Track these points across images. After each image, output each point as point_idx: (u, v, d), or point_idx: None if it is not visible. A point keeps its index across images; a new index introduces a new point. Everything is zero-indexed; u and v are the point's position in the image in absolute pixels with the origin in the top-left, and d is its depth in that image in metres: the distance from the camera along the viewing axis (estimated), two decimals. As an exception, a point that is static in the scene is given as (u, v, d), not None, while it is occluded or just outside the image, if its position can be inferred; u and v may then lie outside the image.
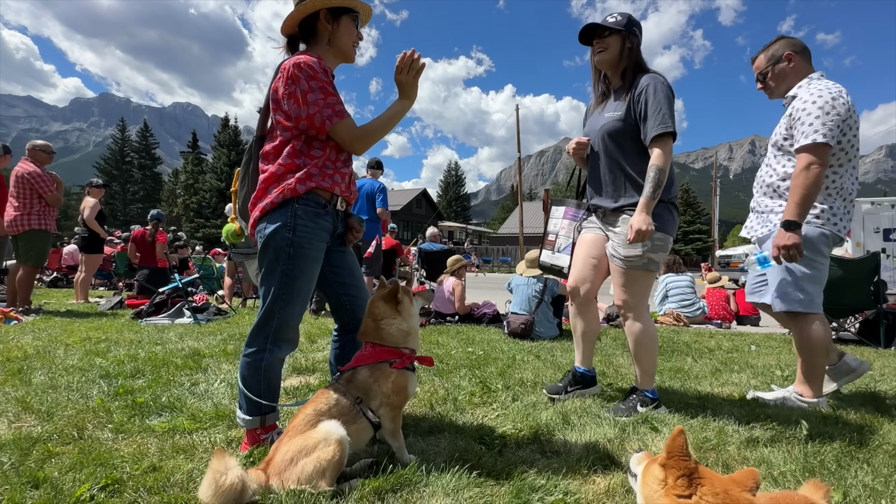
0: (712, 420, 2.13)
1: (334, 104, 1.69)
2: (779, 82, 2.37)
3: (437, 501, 1.36)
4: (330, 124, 1.68)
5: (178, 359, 3.12)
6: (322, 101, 1.67)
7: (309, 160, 1.72)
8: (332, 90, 1.71)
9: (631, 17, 2.27)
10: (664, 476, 0.86)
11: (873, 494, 1.44)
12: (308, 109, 1.66)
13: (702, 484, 0.84)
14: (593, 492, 1.45)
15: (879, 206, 10.69)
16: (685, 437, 0.91)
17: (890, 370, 3.38)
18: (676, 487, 0.84)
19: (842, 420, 2.15)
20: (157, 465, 1.58)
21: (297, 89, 1.65)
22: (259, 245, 1.73)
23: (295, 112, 1.67)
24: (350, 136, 1.72)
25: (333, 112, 1.69)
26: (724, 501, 0.83)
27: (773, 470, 1.61)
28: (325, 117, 1.67)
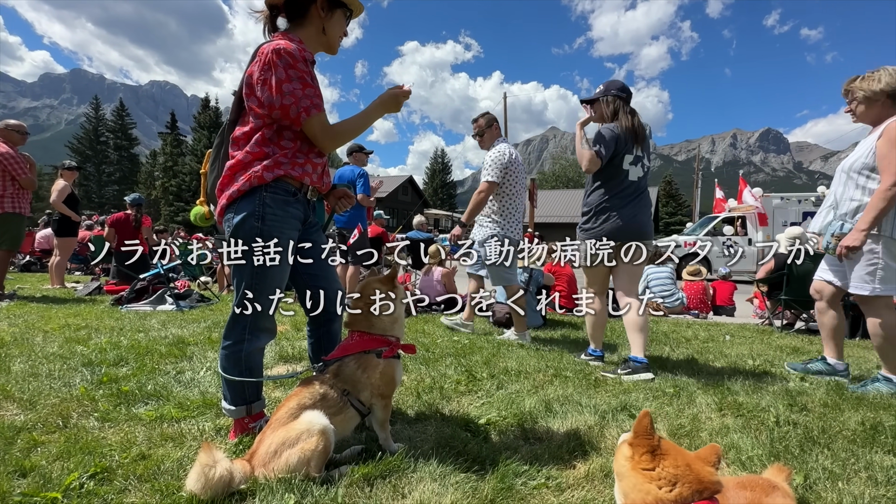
0: (687, 408, 2.24)
1: (312, 96, 1.64)
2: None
3: (424, 487, 1.41)
4: (306, 116, 1.63)
5: (162, 346, 3.09)
6: (300, 92, 1.61)
7: (278, 149, 1.67)
8: (311, 81, 1.65)
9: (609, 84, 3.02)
10: (631, 453, 0.95)
11: (831, 477, 1.55)
12: (283, 99, 1.60)
13: (664, 458, 0.92)
14: (574, 476, 1.52)
15: (788, 200, 11.49)
16: (650, 419, 0.99)
17: (853, 359, 3.56)
18: (641, 462, 0.93)
19: (806, 407, 2.28)
20: (146, 454, 1.59)
21: (273, 77, 1.59)
22: (227, 234, 1.69)
23: (268, 100, 1.61)
24: (322, 132, 1.68)
25: (312, 104, 1.64)
26: (684, 472, 0.91)
27: (741, 455, 1.71)
28: (302, 109, 1.62)
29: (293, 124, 1.65)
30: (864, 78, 2.66)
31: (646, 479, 0.91)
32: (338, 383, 1.60)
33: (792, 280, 4.88)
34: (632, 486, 0.93)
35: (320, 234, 1.97)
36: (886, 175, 2.45)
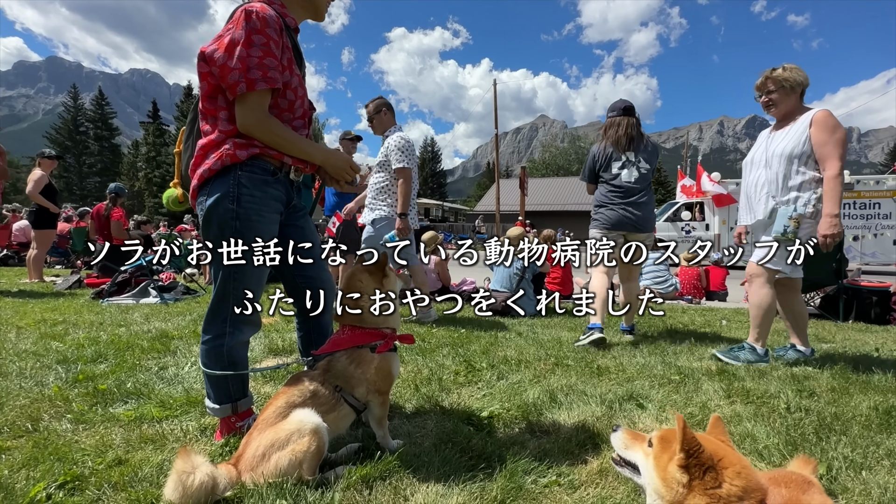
0: (695, 395, 2.16)
1: (268, 67, 1.43)
2: None
3: (427, 488, 1.31)
4: (245, 89, 1.41)
5: (144, 341, 2.94)
6: (255, 60, 1.41)
7: None
8: (274, 51, 1.45)
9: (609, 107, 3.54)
10: (688, 478, 0.81)
11: (853, 466, 1.48)
12: (228, 60, 1.40)
13: (724, 470, 0.81)
14: (587, 472, 1.43)
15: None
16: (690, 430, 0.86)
17: (850, 342, 3.55)
18: (706, 483, 0.80)
19: (815, 393, 2.22)
20: (123, 458, 1.46)
21: (230, 36, 1.42)
22: (200, 218, 1.55)
23: (213, 54, 1.42)
24: (257, 114, 1.46)
25: (262, 76, 1.42)
26: (746, 481, 0.80)
27: (757, 444, 1.64)
28: (244, 79, 1.40)
29: (228, 91, 1.44)
30: (786, 69, 2.81)
31: (710, 500, 0.79)
32: (329, 379, 1.48)
33: (788, 264, 4.86)
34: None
35: (307, 219, 1.83)
36: (832, 161, 2.63)
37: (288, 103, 1.57)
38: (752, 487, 0.83)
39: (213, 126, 1.52)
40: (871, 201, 10.84)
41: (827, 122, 2.67)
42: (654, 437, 0.98)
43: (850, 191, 10.96)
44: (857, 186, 11.04)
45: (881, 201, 10.77)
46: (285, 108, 1.57)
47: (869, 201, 10.85)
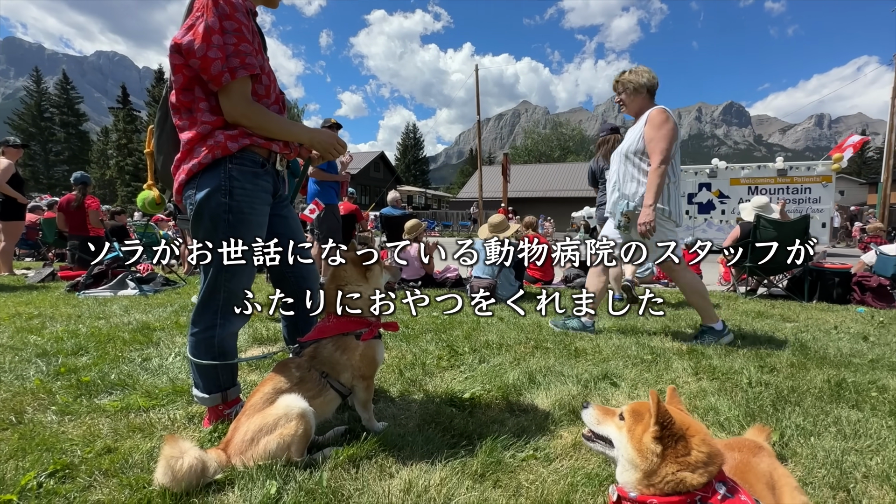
0: (665, 373, 2.29)
1: (245, 53, 1.43)
2: None
3: (412, 465, 1.38)
4: (230, 78, 1.41)
5: (125, 333, 2.92)
6: (231, 48, 1.40)
7: None
8: (248, 36, 1.45)
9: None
10: (661, 448, 0.88)
11: (804, 433, 1.61)
12: (208, 50, 1.39)
13: (692, 438, 0.88)
14: (562, 446, 1.52)
15: (685, 172, 12.07)
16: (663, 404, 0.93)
17: (813, 321, 3.75)
18: (677, 452, 0.88)
19: (775, 368, 2.37)
20: (112, 447, 1.49)
21: (203, 23, 1.39)
22: (190, 213, 1.54)
23: (190, 46, 1.39)
24: (244, 101, 1.46)
25: (241, 63, 1.42)
26: (710, 447, 0.88)
27: (720, 416, 1.76)
28: (227, 69, 1.40)
29: (212, 82, 1.43)
30: (631, 72, 3.05)
31: (680, 467, 0.87)
32: (316, 365, 1.53)
33: (755, 248, 5.06)
34: (662, 477, 0.87)
35: (290, 208, 1.85)
36: (655, 155, 2.83)
37: (264, 88, 1.57)
38: (715, 453, 0.91)
39: (192, 119, 1.50)
40: (802, 186, 11.36)
41: (656, 119, 2.87)
42: (625, 410, 1.05)
43: (784, 176, 11.48)
44: (790, 172, 11.54)
45: (812, 186, 11.32)
46: (263, 93, 1.56)
47: (801, 186, 11.37)
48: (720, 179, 11.89)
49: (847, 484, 1.31)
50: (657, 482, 0.89)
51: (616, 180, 3.08)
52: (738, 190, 11.76)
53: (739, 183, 11.76)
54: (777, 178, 11.53)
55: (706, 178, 11.96)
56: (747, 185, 11.70)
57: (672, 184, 2.93)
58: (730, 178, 11.83)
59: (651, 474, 0.90)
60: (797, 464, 1.43)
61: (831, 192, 11.21)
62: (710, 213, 11.89)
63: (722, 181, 11.87)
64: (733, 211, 11.64)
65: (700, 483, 0.86)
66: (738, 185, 11.76)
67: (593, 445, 1.08)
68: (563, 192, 33.38)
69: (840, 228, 18.80)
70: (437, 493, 1.25)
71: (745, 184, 11.74)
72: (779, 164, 11.73)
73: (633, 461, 0.93)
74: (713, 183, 11.93)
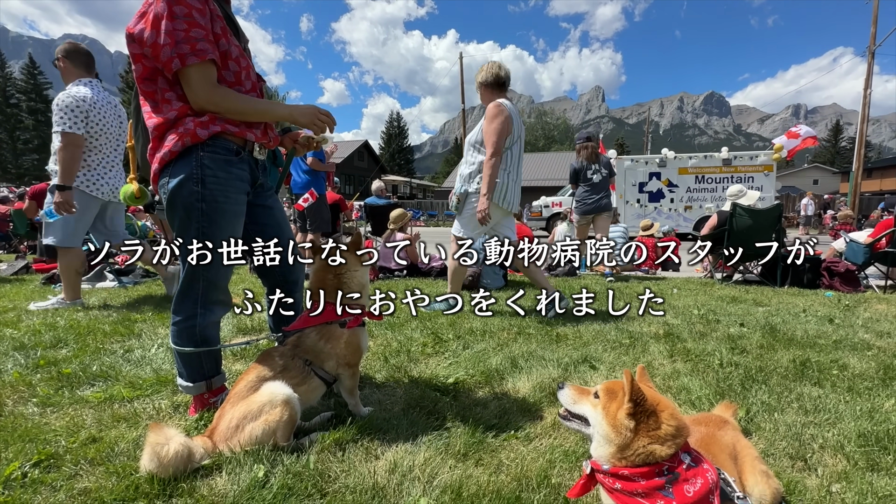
0: (642, 356, 2.37)
1: (196, 39, 1.39)
2: None
3: (397, 447, 1.42)
4: (180, 65, 1.39)
5: (105, 325, 2.88)
6: (181, 34, 1.38)
7: None
8: (200, 21, 1.41)
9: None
10: (634, 423, 0.93)
11: (768, 409, 1.70)
12: (157, 37, 1.37)
13: (661, 413, 0.94)
14: (541, 426, 1.58)
15: (636, 162, 12.51)
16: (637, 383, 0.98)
17: (784, 305, 3.91)
18: (649, 426, 0.93)
19: (745, 350, 2.48)
20: (97, 436, 1.49)
21: (152, 11, 1.38)
22: (164, 202, 1.53)
23: (141, 35, 1.39)
24: (203, 87, 1.43)
25: (192, 50, 1.39)
26: (679, 422, 0.94)
27: (691, 395, 1.84)
28: (177, 54, 1.38)
29: (164, 69, 1.42)
30: (481, 70, 3.32)
31: (651, 440, 0.92)
32: (299, 354, 1.54)
33: (732, 235, 5.22)
34: (634, 450, 0.93)
35: (275, 198, 1.85)
36: (487, 147, 3.05)
37: (233, 75, 1.54)
38: (681, 426, 0.97)
39: (159, 108, 1.48)
40: (745, 175, 11.75)
41: (489, 113, 3.08)
42: (600, 389, 1.10)
43: (729, 166, 11.86)
44: (734, 162, 11.91)
45: (755, 175, 11.72)
46: (232, 80, 1.54)
47: (744, 175, 11.75)
48: (669, 169, 12.23)
49: (805, 454, 1.40)
50: (629, 455, 0.95)
51: (463, 167, 3.34)
52: (686, 179, 12.13)
53: (687, 172, 12.12)
54: (722, 167, 11.90)
55: (656, 168, 12.31)
56: (694, 175, 12.07)
57: (506, 173, 3.14)
58: (678, 167, 12.18)
59: (624, 448, 0.96)
60: (761, 437, 1.52)
61: (772, 181, 11.66)
62: (659, 202, 12.26)
63: (671, 170, 12.22)
64: (681, 199, 12.10)
65: (668, 454, 0.92)
66: (686, 174, 12.13)
67: (569, 424, 1.12)
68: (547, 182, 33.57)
69: (813, 216, 19.40)
70: (421, 472, 1.30)
71: (692, 173, 12.10)
72: (723, 154, 12.08)
73: (608, 436, 0.98)
74: (662, 172, 12.28)
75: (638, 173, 12.36)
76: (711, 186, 12.00)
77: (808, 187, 35.21)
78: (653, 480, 0.91)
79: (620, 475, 0.94)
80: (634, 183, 12.38)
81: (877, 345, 2.59)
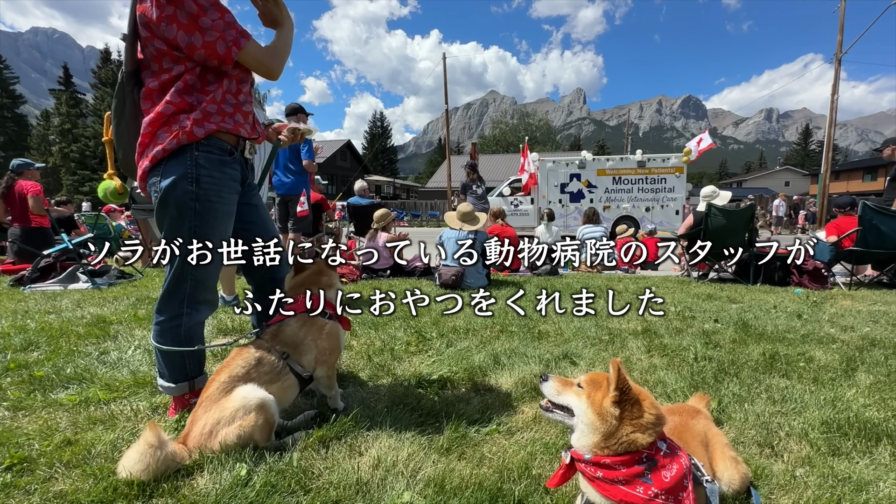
0: (621, 352, 2.44)
1: (234, 23, 1.44)
2: None
3: (380, 443, 1.43)
4: (237, 50, 1.44)
5: (79, 327, 2.81)
6: (221, 23, 1.41)
7: (203, 96, 1.47)
8: (223, 5, 1.45)
9: None
10: (619, 412, 0.96)
11: (739, 400, 1.78)
12: (204, 36, 1.40)
13: (643, 402, 0.97)
14: (523, 420, 1.62)
15: (558, 164, 13.01)
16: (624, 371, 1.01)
17: (756, 302, 4.05)
18: (633, 414, 0.97)
19: (719, 344, 2.57)
20: (73, 439, 1.46)
21: (182, 13, 1.38)
22: (155, 201, 1.51)
23: (185, 41, 1.39)
24: (266, 57, 1.51)
25: (238, 33, 1.44)
26: (658, 410, 0.98)
27: (667, 389, 1.91)
28: (231, 42, 1.42)
29: (224, 63, 1.45)
30: None
31: (634, 429, 0.95)
32: (276, 345, 1.51)
33: (707, 234, 5.38)
34: (618, 438, 0.96)
35: (259, 196, 1.84)
36: None
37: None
38: (660, 415, 1.01)
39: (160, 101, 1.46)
40: (659, 177, 12.26)
41: None
42: (583, 380, 1.12)
43: (643, 168, 12.33)
44: (648, 164, 12.36)
45: (667, 177, 12.23)
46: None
47: (658, 177, 12.26)
48: (588, 170, 12.60)
49: (772, 441, 1.47)
50: (613, 444, 0.97)
51: None
52: (604, 180, 12.52)
53: (605, 174, 12.52)
54: (637, 169, 12.34)
55: (576, 169, 12.69)
56: (612, 176, 12.46)
57: None
58: (597, 168, 12.56)
59: (609, 436, 0.98)
60: (732, 426, 1.58)
61: (683, 182, 12.16)
62: (580, 202, 12.58)
63: (590, 172, 12.60)
64: (600, 199, 12.45)
65: (648, 442, 0.96)
66: (604, 175, 12.52)
67: (551, 415, 1.14)
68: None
69: (785, 217, 20.08)
70: (404, 467, 1.31)
71: (609, 174, 12.49)
72: (638, 157, 12.54)
73: (594, 425, 1.01)
74: (582, 174, 12.64)
75: (559, 174, 12.75)
76: (627, 187, 12.40)
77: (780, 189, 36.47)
78: (633, 468, 0.94)
79: (602, 464, 0.97)
80: (556, 184, 12.74)
81: (841, 338, 2.71)
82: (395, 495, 1.19)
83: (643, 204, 12.23)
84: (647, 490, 0.90)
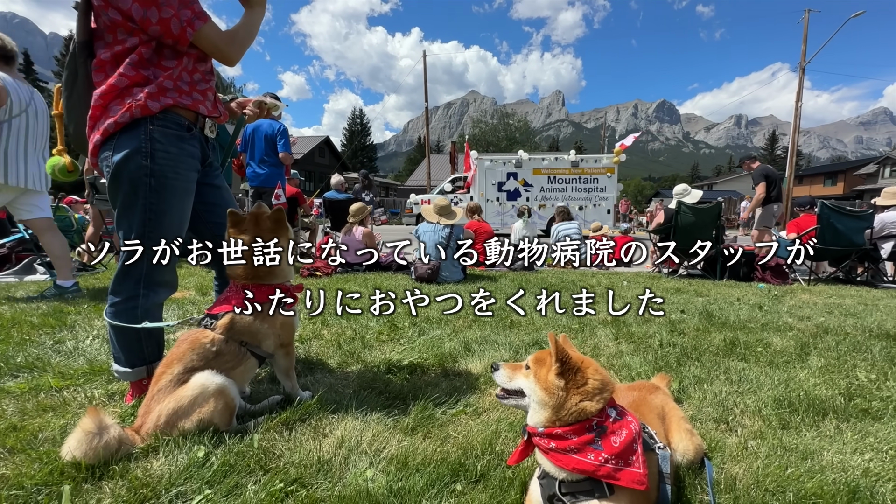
0: (590, 339, 2.48)
1: (192, 3, 1.41)
2: None
3: (346, 424, 1.42)
4: (192, 31, 1.40)
5: (33, 317, 2.68)
6: (177, 1, 1.37)
7: (160, 71, 1.42)
8: None
9: None
10: (564, 382, 0.98)
11: (699, 381, 1.83)
12: (160, 12, 1.35)
13: (587, 369, 0.99)
14: (489, 402, 1.63)
15: (495, 162, 13.30)
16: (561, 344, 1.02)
17: (721, 296, 4.19)
18: (577, 383, 0.98)
19: (684, 332, 2.65)
20: (18, 426, 1.39)
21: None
22: (107, 176, 1.45)
23: (140, 14, 1.35)
24: (222, 42, 1.46)
25: (194, 14, 1.40)
26: (603, 378, 0.99)
27: (632, 372, 1.95)
28: (185, 22, 1.38)
29: (178, 42, 1.40)
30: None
31: (581, 397, 0.97)
32: (234, 337, 1.45)
33: (677, 231, 5.54)
34: (568, 409, 0.97)
35: (222, 178, 1.79)
36: None
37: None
38: (606, 381, 1.03)
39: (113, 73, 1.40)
40: (591, 177, 12.67)
41: None
42: (530, 361, 1.13)
43: (576, 168, 12.72)
44: (581, 164, 12.77)
45: (599, 177, 12.64)
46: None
47: (590, 177, 12.67)
48: (525, 169, 12.82)
49: (727, 417, 1.52)
50: (564, 415, 0.99)
51: None
52: (540, 179, 12.78)
53: (541, 173, 12.77)
54: (571, 168, 12.67)
55: (513, 168, 12.93)
56: (547, 175, 12.74)
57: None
58: (533, 168, 12.82)
59: (559, 408, 1.00)
60: (690, 405, 1.63)
61: (614, 182, 12.58)
62: (516, 200, 12.80)
63: (526, 171, 12.82)
64: (536, 198, 12.71)
65: (597, 409, 0.98)
66: (539, 174, 12.78)
67: (507, 402, 1.15)
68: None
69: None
70: (369, 446, 1.30)
71: (545, 173, 12.76)
72: (571, 157, 12.90)
73: (543, 400, 1.02)
74: (519, 172, 12.86)
75: (497, 173, 12.91)
76: (562, 186, 12.64)
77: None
78: (583, 436, 0.96)
79: (555, 435, 0.99)
80: (494, 182, 12.88)
81: (797, 327, 2.84)
82: (358, 473, 1.18)
83: (577, 203, 12.46)
84: (597, 456, 0.92)
